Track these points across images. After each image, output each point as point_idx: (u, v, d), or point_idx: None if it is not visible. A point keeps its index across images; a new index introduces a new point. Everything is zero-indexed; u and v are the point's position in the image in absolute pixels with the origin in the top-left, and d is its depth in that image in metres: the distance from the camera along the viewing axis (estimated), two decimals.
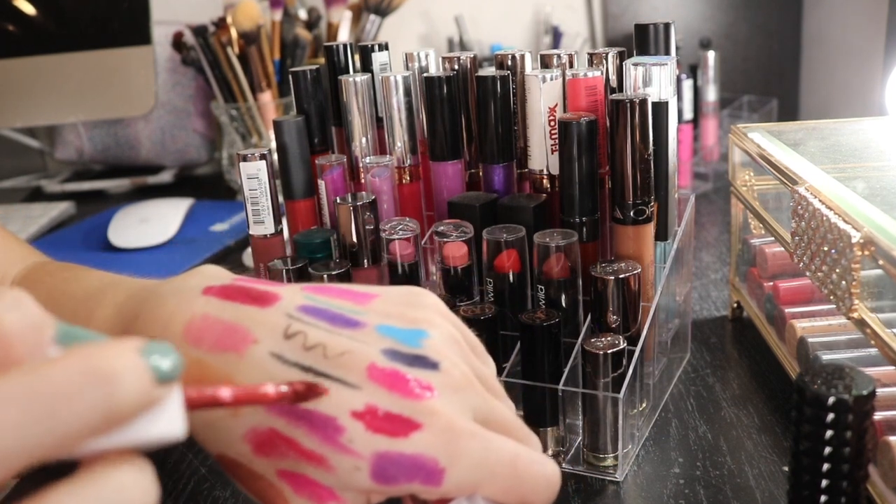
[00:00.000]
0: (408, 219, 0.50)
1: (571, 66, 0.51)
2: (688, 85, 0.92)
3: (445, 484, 0.31)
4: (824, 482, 0.32)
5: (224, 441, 0.32)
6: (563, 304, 0.46)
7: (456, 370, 0.33)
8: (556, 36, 1.19)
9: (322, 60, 0.94)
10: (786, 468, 0.44)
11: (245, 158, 0.50)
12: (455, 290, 0.48)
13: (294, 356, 0.32)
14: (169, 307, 0.34)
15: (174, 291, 0.35)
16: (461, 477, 0.31)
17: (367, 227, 0.49)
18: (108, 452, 0.22)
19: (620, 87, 0.48)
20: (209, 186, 1.14)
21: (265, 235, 0.52)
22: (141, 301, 0.36)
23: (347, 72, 0.57)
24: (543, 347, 0.44)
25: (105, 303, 0.39)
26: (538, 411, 0.45)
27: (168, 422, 0.23)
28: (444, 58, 0.53)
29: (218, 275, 0.36)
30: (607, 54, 0.49)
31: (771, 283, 0.55)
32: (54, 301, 0.44)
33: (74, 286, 0.44)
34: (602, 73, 0.47)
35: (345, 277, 0.48)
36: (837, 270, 0.41)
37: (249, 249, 0.69)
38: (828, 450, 0.32)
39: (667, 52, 0.48)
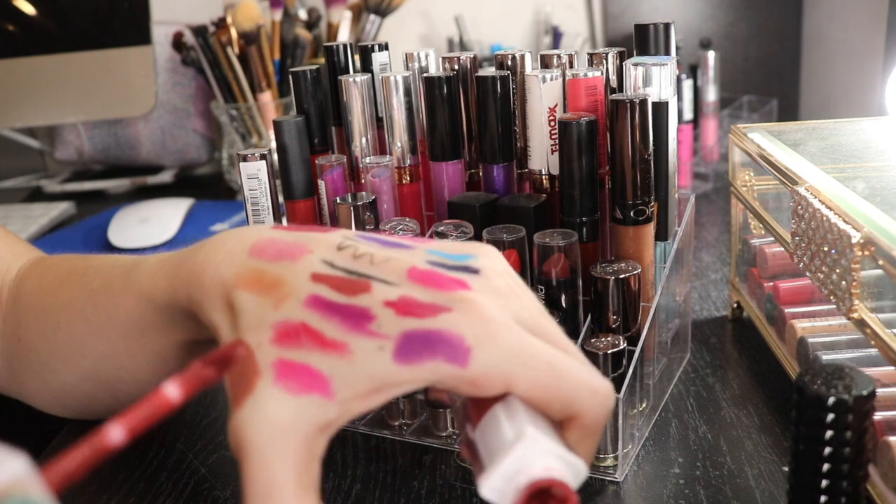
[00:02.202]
0: (408, 219, 0.50)
1: (571, 66, 0.51)
2: (688, 85, 0.92)
3: (472, 365, 0.30)
4: (824, 482, 0.32)
5: (252, 326, 0.32)
6: (563, 304, 0.46)
7: (499, 279, 0.33)
8: (556, 36, 1.19)
9: (322, 60, 0.94)
10: (786, 468, 0.44)
11: (245, 158, 0.50)
12: None
13: (342, 262, 0.33)
14: (239, 233, 0.36)
15: (245, 227, 0.37)
16: (490, 360, 0.30)
17: (368, 227, 0.49)
18: None
19: (620, 87, 0.48)
20: (209, 186, 1.14)
21: None
22: (202, 242, 0.37)
23: (347, 72, 0.57)
24: None
25: (148, 259, 0.41)
26: None
27: None
28: (444, 58, 0.53)
29: (283, 225, 0.38)
30: (607, 54, 0.49)
31: (771, 284, 0.55)
32: (80, 275, 0.45)
33: (99, 261, 0.46)
34: (602, 73, 0.47)
35: None
36: (837, 270, 0.41)
37: None
38: (828, 450, 0.32)
39: (667, 52, 0.48)
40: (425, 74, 0.51)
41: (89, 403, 0.49)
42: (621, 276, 0.45)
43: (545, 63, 0.51)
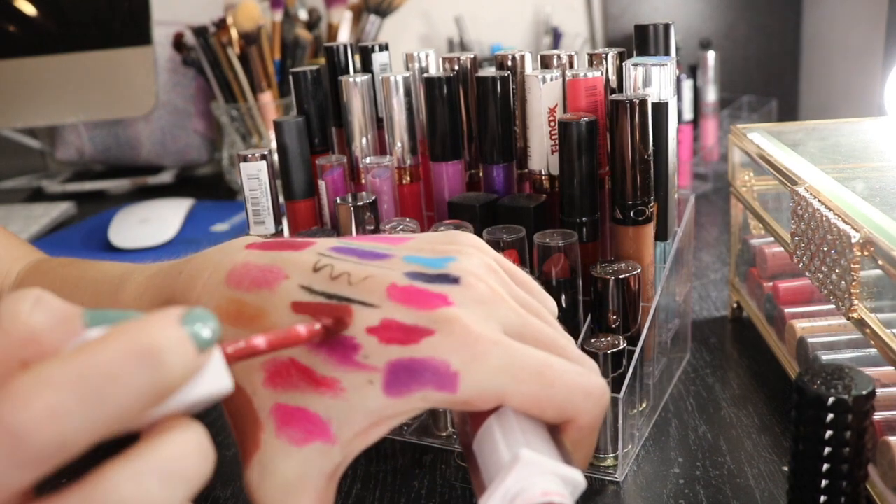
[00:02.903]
0: (408, 219, 0.50)
1: (571, 66, 0.51)
2: (688, 85, 0.92)
3: (461, 389, 0.30)
4: (824, 482, 0.32)
5: (243, 367, 0.32)
6: (563, 304, 0.46)
7: (480, 284, 0.32)
8: (556, 36, 1.19)
9: (322, 61, 0.94)
10: (785, 468, 0.44)
11: (245, 159, 0.50)
12: None
13: (321, 286, 0.32)
14: (214, 260, 0.35)
15: (218, 249, 0.36)
16: (479, 381, 0.30)
17: (368, 227, 0.49)
18: (163, 419, 0.23)
19: (620, 88, 0.48)
20: (209, 187, 1.15)
21: (266, 236, 0.52)
22: (181, 264, 0.37)
23: (348, 72, 0.57)
24: None
25: (134, 277, 0.40)
26: None
27: (214, 380, 0.24)
28: (444, 58, 0.53)
29: (259, 238, 0.38)
30: (607, 55, 0.49)
31: (770, 284, 0.56)
32: (72, 286, 0.45)
33: (92, 272, 0.45)
34: (602, 74, 0.47)
35: None
36: (837, 271, 0.41)
37: None
38: (827, 450, 0.32)
39: (666, 53, 0.48)
40: (425, 75, 0.51)
41: None
42: (621, 276, 0.45)
43: (545, 63, 0.51)
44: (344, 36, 1.03)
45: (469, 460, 0.32)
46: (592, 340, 0.44)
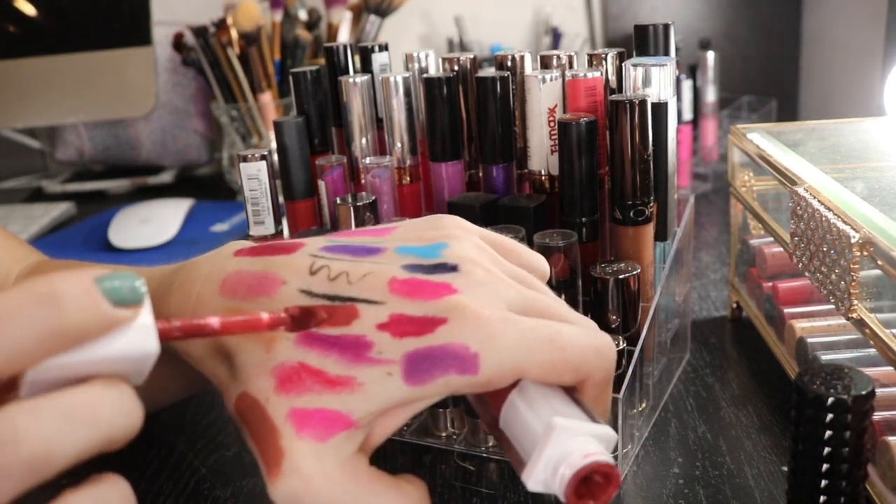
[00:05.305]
0: (407, 219, 0.50)
1: (571, 66, 0.51)
2: (687, 85, 0.92)
3: (483, 370, 0.30)
4: (823, 482, 0.32)
5: (251, 375, 0.32)
6: None
7: (476, 268, 0.33)
8: (556, 36, 1.19)
9: (322, 61, 0.94)
10: (785, 468, 0.44)
11: (245, 159, 0.50)
12: None
13: (321, 288, 0.32)
14: (205, 269, 0.35)
15: (207, 258, 0.36)
16: (498, 360, 0.30)
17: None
18: (82, 376, 0.23)
19: (620, 88, 0.48)
20: (209, 187, 1.15)
21: (265, 236, 0.52)
22: (171, 275, 0.37)
23: (347, 72, 0.57)
24: None
25: None
26: None
27: (136, 339, 0.24)
28: (444, 58, 0.53)
29: (246, 244, 0.37)
30: (607, 55, 0.49)
31: (770, 284, 0.56)
32: None
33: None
34: (601, 74, 0.47)
35: None
36: (836, 271, 0.41)
37: None
38: (827, 450, 0.32)
39: (666, 53, 0.48)
40: (425, 75, 0.51)
41: None
42: (621, 277, 0.45)
43: (545, 64, 0.51)
44: (344, 36, 1.03)
45: (500, 439, 0.33)
46: None
